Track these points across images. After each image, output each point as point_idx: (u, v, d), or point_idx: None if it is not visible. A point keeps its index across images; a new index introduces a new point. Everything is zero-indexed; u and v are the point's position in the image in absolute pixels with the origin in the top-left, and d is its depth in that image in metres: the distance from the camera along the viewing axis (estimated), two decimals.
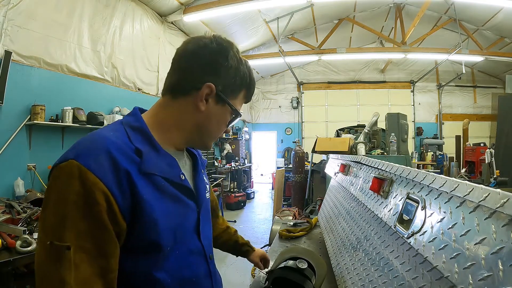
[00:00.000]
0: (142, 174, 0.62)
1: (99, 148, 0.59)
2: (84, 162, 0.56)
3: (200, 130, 0.74)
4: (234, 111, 0.75)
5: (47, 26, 3.40)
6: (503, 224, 0.44)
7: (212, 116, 0.73)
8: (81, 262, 0.54)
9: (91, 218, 0.55)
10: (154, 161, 0.66)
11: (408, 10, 7.55)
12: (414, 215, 0.71)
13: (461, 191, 0.55)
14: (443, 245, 0.57)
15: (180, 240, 0.69)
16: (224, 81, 0.72)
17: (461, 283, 0.49)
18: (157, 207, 0.63)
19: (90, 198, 0.55)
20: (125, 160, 0.60)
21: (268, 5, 5.55)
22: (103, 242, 0.57)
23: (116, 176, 0.58)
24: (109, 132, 0.64)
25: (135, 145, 0.64)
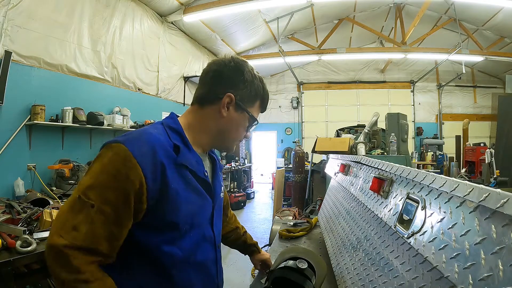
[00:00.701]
0: (175, 165, 0.76)
1: (144, 140, 0.73)
2: (130, 148, 0.69)
3: (223, 133, 0.89)
4: (251, 117, 0.90)
5: (47, 26, 3.40)
6: (503, 224, 0.44)
7: (233, 121, 0.88)
8: (98, 221, 0.66)
9: (120, 192, 0.67)
10: (186, 156, 0.80)
11: (408, 10, 7.55)
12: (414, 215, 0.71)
13: (461, 191, 0.55)
14: (443, 245, 0.57)
15: (196, 226, 0.82)
16: (242, 92, 0.87)
17: (461, 283, 0.49)
18: (182, 195, 0.76)
19: (126, 176, 0.67)
20: (163, 154, 0.74)
21: (268, 5, 5.55)
22: (122, 214, 0.69)
23: (153, 165, 0.71)
24: (154, 130, 0.79)
25: (174, 142, 0.79)
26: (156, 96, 5.61)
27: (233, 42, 7.50)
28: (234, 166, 8.04)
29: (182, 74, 6.45)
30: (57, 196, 3.15)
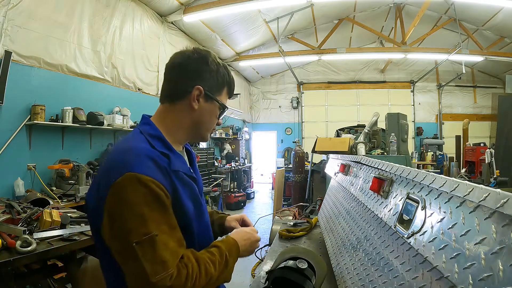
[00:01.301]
0: (171, 171, 0.81)
1: (141, 156, 0.76)
2: (138, 170, 0.73)
3: (197, 125, 0.92)
4: (221, 105, 0.93)
5: (47, 26, 3.40)
6: (503, 224, 0.44)
7: (204, 111, 0.91)
8: (167, 241, 0.73)
9: (158, 207, 0.74)
10: (175, 161, 0.83)
11: (408, 10, 7.55)
12: (414, 215, 0.71)
13: (461, 191, 0.55)
14: (443, 245, 0.57)
15: (200, 216, 0.91)
16: (209, 83, 0.90)
17: (461, 283, 0.49)
18: (184, 194, 0.83)
19: (152, 193, 0.73)
20: (161, 161, 0.79)
21: (268, 5, 5.55)
22: (171, 220, 0.77)
23: (161, 173, 0.77)
24: (137, 143, 0.81)
25: (159, 150, 0.81)
26: (156, 96, 5.61)
27: (233, 42, 7.51)
28: (234, 166, 8.04)
29: None
30: (57, 196, 3.15)
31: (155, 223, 0.72)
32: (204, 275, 0.77)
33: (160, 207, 0.74)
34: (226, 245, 0.87)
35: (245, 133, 9.74)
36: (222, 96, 0.94)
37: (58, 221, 1.87)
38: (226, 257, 0.84)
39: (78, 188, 3.22)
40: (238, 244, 0.90)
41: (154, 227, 0.71)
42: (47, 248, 1.64)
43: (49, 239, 1.72)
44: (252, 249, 0.95)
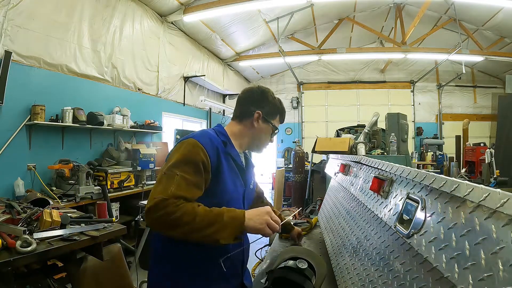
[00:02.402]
0: (224, 153, 1.13)
1: (205, 135, 1.13)
2: (197, 139, 1.07)
3: (255, 139, 1.28)
4: (273, 127, 1.29)
5: (47, 26, 3.40)
6: (503, 224, 0.44)
7: (262, 130, 1.26)
8: (181, 184, 0.97)
9: (194, 165, 1.02)
10: (230, 148, 1.18)
11: (408, 10, 7.55)
12: (414, 215, 0.71)
13: (461, 191, 0.55)
14: (443, 245, 0.57)
15: (232, 201, 1.13)
16: (266, 110, 1.25)
17: (461, 283, 0.49)
18: (227, 173, 1.12)
19: (197, 154, 1.03)
20: (217, 143, 1.13)
21: (268, 5, 5.54)
22: (197, 179, 1.01)
23: (212, 149, 1.09)
24: (208, 131, 1.19)
25: (221, 139, 1.17)
26: (156, 96, 5.61)
27: (233, 42, 7.51)
28: None
29: (182, 74, 6.45)
30: (57, 196, 3.15)
31: (182, 170, 0.99)
32: (186, 220, 0.92)
33: (195, 165, 1.01)
34: (230, 211, 1.00)
35: None
36: (275, 121, 1.29)
37: (58, 221, 1.87)
38: (222, 217, 0.96)
39: (78, 188, 3.22)
40: (244, 214, 1.00)
41: (181, 171, 0.98)
42: (47, 248, 1.63)
43: (49, 239, 1.72)
44: (260, 222, 1.00)
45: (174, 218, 0.91)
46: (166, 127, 5.82)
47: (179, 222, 0.92)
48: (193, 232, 0.93)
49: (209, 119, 7.67)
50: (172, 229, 0.93)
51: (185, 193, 0.96)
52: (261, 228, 0.99)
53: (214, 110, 8.02)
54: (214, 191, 1.07)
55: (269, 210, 1.03)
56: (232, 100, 8.94)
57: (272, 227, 1.00)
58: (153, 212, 0.92)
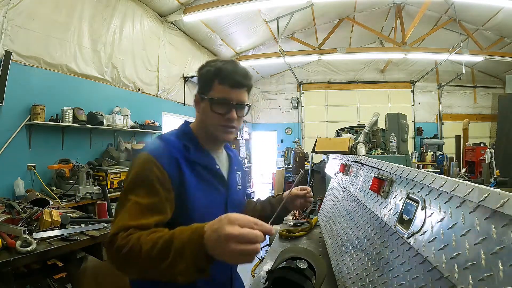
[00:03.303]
0: (187, 161, 0.93)
1: (160, 144, 0.93)
2: (150, 152, 0.88)
3: (204, 125, 1.01)
4: (210, 99, 0.96)
5: (47, 26, 3.40)
6: (503, 224, 0.44)
7: (204, 112, 0.99)
8: (133, 211, 0.79)
9: (147, 185, 0.83)
10: (196, 154, 0.97)
11: (408, 10, 7.55)
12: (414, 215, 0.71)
13: (461, 191, 0.55)
14: (443, 245, 0.57)
15: (210, 215, 0.82)
16: (201, 85, 1.01)
17: (461, 283, 0.49)
18: (196, 186, 0.92)
19: (149, 171, 0.84)
20: (176, 151, 0.92)
21: (268, 5, 5.55)
22: (153, 202, 0.82)
23: (169, 158, 0.89)
24: (169, 135, 0.99)
25: (183, 142, 0.96)
26: (156, 96, 5.61)
27: (233, 42, 7.50)
28: None
29: (182, 74, 6.45)
30: (57, 196, 3.15)
31: (134, 193, 0.82)
32: (133, 255, 0.70)
33: (149, 185, 0.83)
34: (183, 231, 0.68)
35: (245, 133, 9.74)
36: (214, 91, 0.96)
37: (58, 221, 1.87)
38: (172, 242, 0.67)
39: (78, 188, 3.22)
40: (201, 231, 0.66)
41: (132, 195, 0.81)
42: (47, 248, 1.64)
43: (49, 239, 1.72)
44: (222, 249, 0.62)
45: (122, 255, 0.70)
46: (166, 127, 5.83)
47: (129, 260, 0.70)
48: (147, 270, 0.69)
49: None
50: (126, 269, 0.73)
51: (137, 221, 0.76)
52: (233, 259, 0.62)
53: None
54: (182, 210, 0.87)
55: (232, 218, 0.63)
56: None
57: (249, 252, 0.61)
58: (107, 252, 0.75)
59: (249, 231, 0.62)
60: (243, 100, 0.97)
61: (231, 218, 0.64)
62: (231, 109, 0.96)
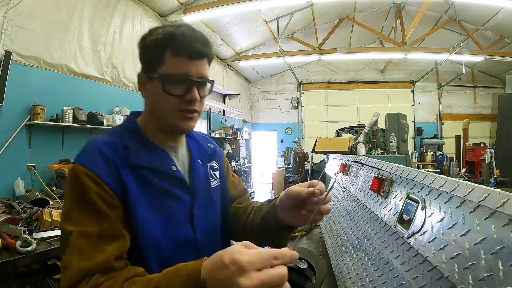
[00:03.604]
0: (128, 166, 0.68)
1: (91, 148, 0.68)
2: (80, 162, 0.66)
3: (154, 112, 0.77)
4: (163, 77, 0.70)
5: (47, 26, 3.40)
6: (503, 224, 0.44)
7: (154, 96, 0.74)
8: (82, 248, 0.59)
9: (87, 205, 0.62)
10: (141, 155, 0.71)
11: (408, 10, 7.55)
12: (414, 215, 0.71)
13: (461, 191, 0.55)
14: (443, 245, 0.57)
15: (170, 232, 0.71)
16: (146, 60, 0.75)
17: (461, 283, 0.49)
18: (141, 200, 0.68)
19: (84, 187, 0.62)
20: (113, 153, 0.68)
21: (268, 5, 5.55)
22: (102, 226, 0.61)
23: (104, 163, 0.66)
24: (105, 135, 0.73)
25: (125, 142, 0.71)
26: None
27: (233, 42, 7.50)
28: (234, 166, 8.04)
29: None
30: (57, 196, 3.15)
31: (75, 222, 0.61)
32: None
33: (90, 205, 0.61)
34: (167, 275, 0.53)
35: (245, 133, 9.74)
36: (167, 65, 0.70)
37: (58, 221, 1.87)
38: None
39: None
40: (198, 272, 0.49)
41: (73, 224, 0.60)
42: (47, 248, 1.64)
43: (49, 239, 1.72)
44: None
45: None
46: None
47: None
48: None
49: (209, 119, 7.67)
50: None
51: (93, 259, 0.57)
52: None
53: (214, 110, 8.02)
54: (131, 233, 0.65)
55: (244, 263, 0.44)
56: (232, 100, 8.95)
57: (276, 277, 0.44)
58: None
59: (272, 274, 0.43)
60: (205, 75, 0.75)
61: (242, 262, 0.44)
62: (191, 87, 0.71)
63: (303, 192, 0.72)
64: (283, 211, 0.77)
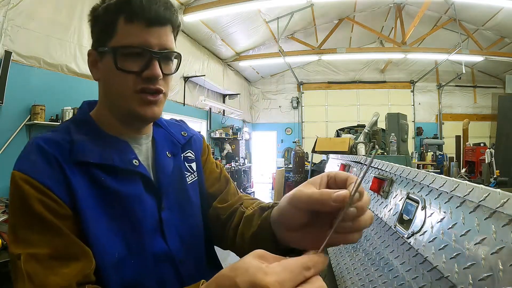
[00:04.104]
0: (74, 163, 0.54)
1: (30, 148, 0.55)
2: (18, 167, 0.53)
3: (110, 99, 0.62)
4: (114, 49, 0.56)
5: (47, 26, 3.40)
6: (503, 224, 0.44)
7: (106, 75, 0.60)
8: (35, 272, 0.47)
9: (32, 219, 0.49)
10: (91, 148, 0.56)
11: (408, 10, 7.55)
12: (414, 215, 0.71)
13: (461, 191, 0.55)
14: (443, 245, 0.57)
15: (134, 245, 0.56)
16: (96, 36, 0.61)
17: (461, 283, 0.49)
18: (95, 204, 0.54)
19: (23, 196, 0.50)
20: (54, 149, 0.54)
21: (268, 5, 5.55)
22: (56, 244, 0.49)
23: (47, 164, 0.52)
24: (48, 133, 0.59)
25: (72, 137, 0.57)
26: None
27: (233, 42, 7.50)
28: (234, 166, 8.04)
29: (182, 74, 6.45)
30: None
31: (22, 242, 0.49)
32: None
33: (35, 219, 0.49)
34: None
35: (245, 133, 9.74)
36: (120, 35, 0.56)
37: None
38: None
39: None
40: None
41: (21, 246, 0.48)
42: None
43: None
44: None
45: None
46: None
47: None
48: None
49: (209, 119, 7.67)
50: None
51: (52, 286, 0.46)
52: None
53: (214, 110, 8.02)
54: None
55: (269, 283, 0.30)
56: (232, 100, 8.94)
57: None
58: None
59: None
60: (168, 45, 0.60)
61: (269, 286, 0.30)
62: (150, 60, 0.57)
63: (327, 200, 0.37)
64: (285, 229, 0.48)
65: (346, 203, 0.35)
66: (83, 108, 0.66)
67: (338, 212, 0.36)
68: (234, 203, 0.71)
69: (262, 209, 0.59)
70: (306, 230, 0.44)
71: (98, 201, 0.54)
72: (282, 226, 0.48)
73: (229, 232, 0.66)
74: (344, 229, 0.38)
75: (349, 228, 0.38)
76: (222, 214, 0.70)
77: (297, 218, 0.44)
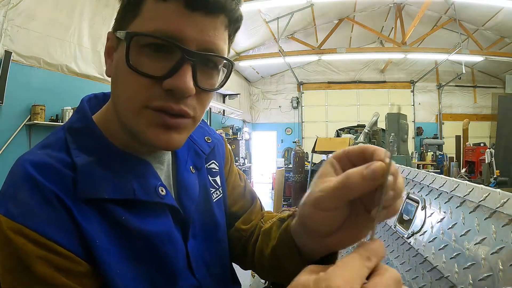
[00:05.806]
0: (84, 200, 0.39)
1: (18, 178, 0.38)
2: (4, 211, 0.36)
3: (118, 106, 0.45)
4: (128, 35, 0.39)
5: (47, 26, 3.40)
6: (503, 224, 0.44)
7: (116, 71, 0.45)
8: None
9: (34, 285, 0.35)
10: (100, 175, 0.40)
11: (408, 10, 7.55)
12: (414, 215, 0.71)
13: (461, 191, 0.55)
14: (443, 245, 0.57)
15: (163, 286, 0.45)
16: (119, 16, 0.44)
17: (461, 283, 0.49)
18: (115, 249, 0.40)
19: (18, 254, 0.35)
20: (53, 180, 0.38)
21: (268, 5, 5.55)
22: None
23: (46, 204, 0.37)
24: (36, 151, 0.42)
25: (73, 157, 0.41)
26: None
27: (233, 42, 7.50)
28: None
29: None
30: None
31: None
32: None
33: (36, 283, 0.35)
34: None
35: (245, 133, 9.74)
36: (142, 16, 0.39)
37: None
38: None
39: None
40: None
41: None
42: None
43: None
44: None
45: None
46: None
47: None
48: None
49: (209, 119, 7.67)
50: None
51: None
52: None
53: (214, 110, 8.02)
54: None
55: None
56: (232, 100, 8.94)
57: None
58: None
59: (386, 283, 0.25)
60: (215, 45, 0.41)
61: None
62: (181, 62, 0.38)
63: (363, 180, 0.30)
64: (318, 237, 0.38)
65: (386, 174, 0.29)
66: (82, 109, 0.47)
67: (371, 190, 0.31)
68: (258, 222, 0.60)
69: (281, 221, 0.50)
70: (344, 227, 0.36)
71: (120, 247, 0.40)
72: (313, 235, 0.39)
73: (249, 250, 0.57)
74: (387, 201, 0.31)
75: (391, 199, 0.31)
76: (244, 236, 0.59)
77: (331, 219, 0.35)
